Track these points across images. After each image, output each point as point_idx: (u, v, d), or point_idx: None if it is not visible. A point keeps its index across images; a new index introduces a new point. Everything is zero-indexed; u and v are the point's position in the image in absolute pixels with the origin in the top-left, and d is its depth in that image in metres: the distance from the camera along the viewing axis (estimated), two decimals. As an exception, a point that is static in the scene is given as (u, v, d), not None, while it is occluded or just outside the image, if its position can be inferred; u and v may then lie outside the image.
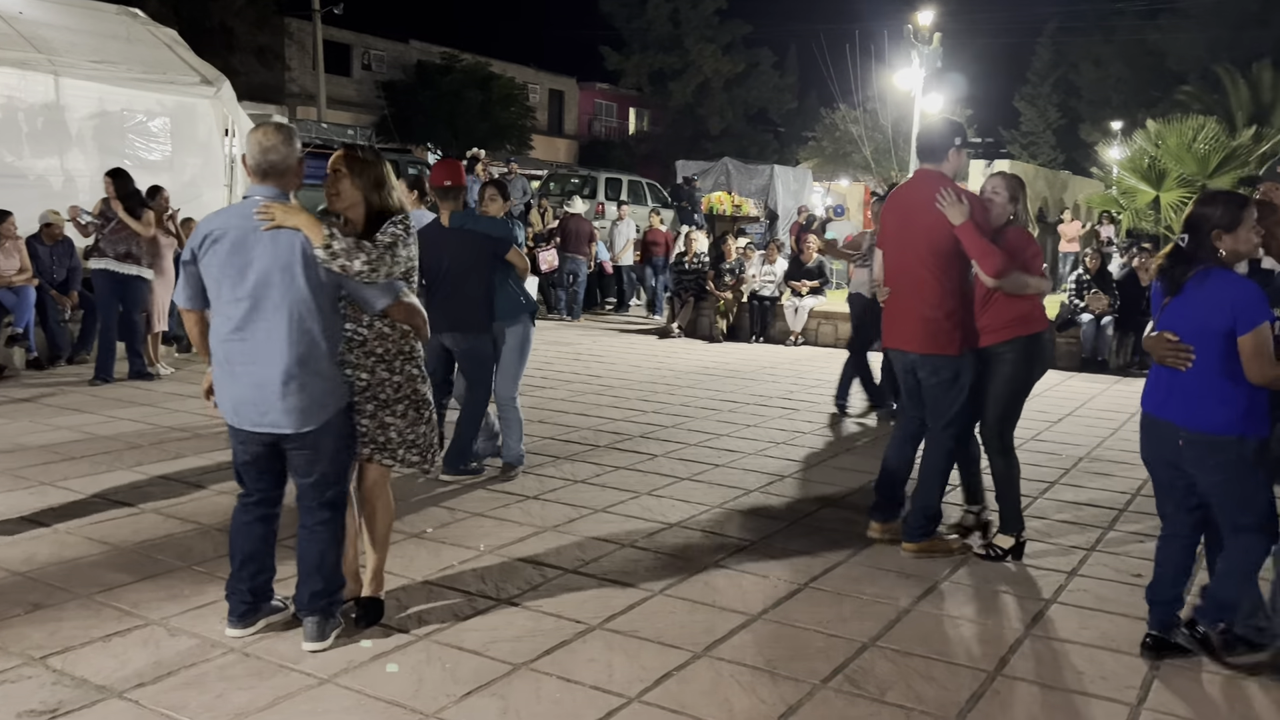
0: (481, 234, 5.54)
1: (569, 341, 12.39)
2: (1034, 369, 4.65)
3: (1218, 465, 3.45)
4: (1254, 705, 3.32)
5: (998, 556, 4.62)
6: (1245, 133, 19.59)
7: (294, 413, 3.37)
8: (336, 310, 3.49)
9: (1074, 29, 41.18)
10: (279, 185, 3.42)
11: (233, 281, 3.34)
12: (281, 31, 30.16)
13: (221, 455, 6.17)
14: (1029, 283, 4.54)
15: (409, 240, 3.51)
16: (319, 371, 3.40)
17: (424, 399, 3.74)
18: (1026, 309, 4.57)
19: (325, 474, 3.52)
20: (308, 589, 3.53)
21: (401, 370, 3.67)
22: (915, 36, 15.64)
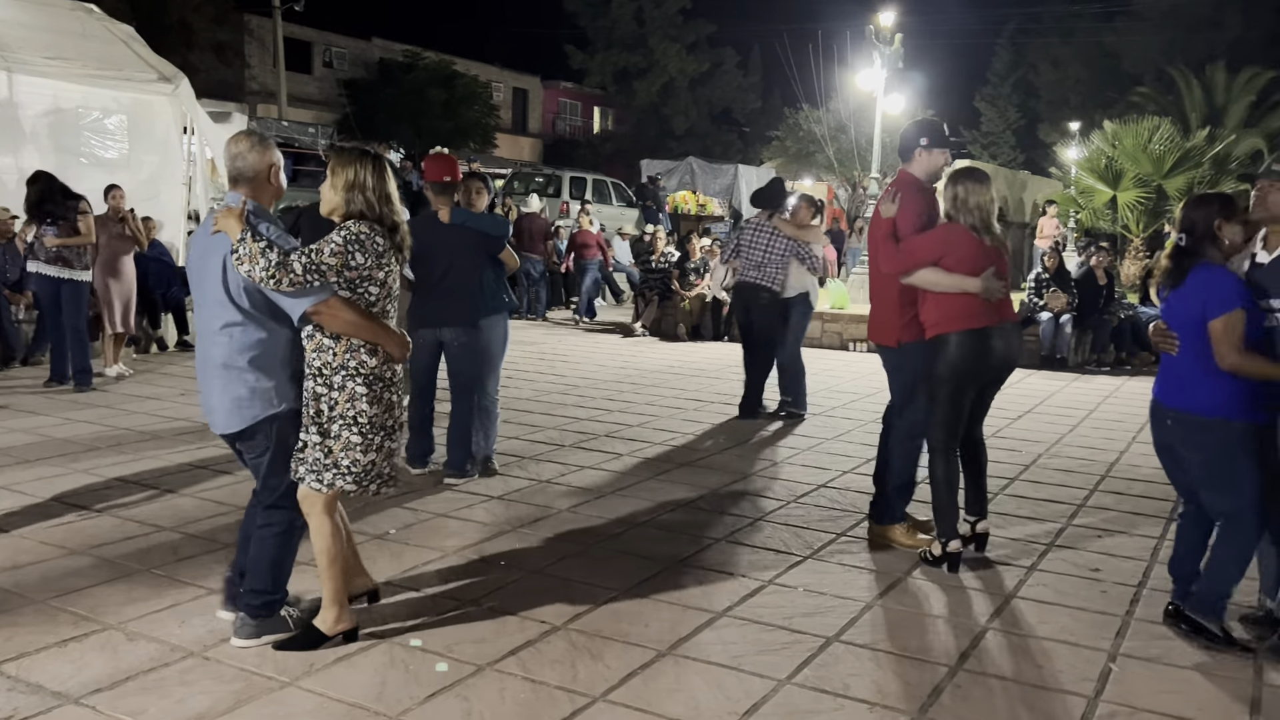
0: (480, 231, 5.61)
1: (534, 341, 12.36)
2: (941, 369, 4.43)
3: (1200, 445, 3.70)
4: (1207, 694, 3.38)
5: (929, 562, 4.54)
6: (1199, 134, 19.88)
7: (217, 412, 3.46)
8: (275, 314, 3.38)
9: (1033, 31, 41.69)
10: (247, 190, 3.43)
11: (196, 284, 3.48)
12: (241, 28, 29.79)
13: (180, 457, 6.09)
14: (935, 280, 4.41)
15: (347, 248, 3.27)
16: (241, 374, 3.38)
17: (371, 423, 3.38)
18: (945, 308, 4.42)
19: (266, 478, 3.50)
20: (246, 585, 3.54)
21: (342, 387, 3.35)
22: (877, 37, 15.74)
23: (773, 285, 7.67)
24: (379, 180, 3.40)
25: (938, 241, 4.44)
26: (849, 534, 5.02)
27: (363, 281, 3.35)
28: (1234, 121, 26.61)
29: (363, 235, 3.32)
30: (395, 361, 3.45)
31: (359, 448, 3.39)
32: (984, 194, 4.43)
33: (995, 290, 4.38)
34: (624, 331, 13.60)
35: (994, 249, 4.44)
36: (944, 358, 4.41)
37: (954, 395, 4.45)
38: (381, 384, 3.41)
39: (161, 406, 7.59)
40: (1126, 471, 6.51)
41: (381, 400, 3.41)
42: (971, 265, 4.38)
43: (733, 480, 6.00)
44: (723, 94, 43.30)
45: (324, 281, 3.27)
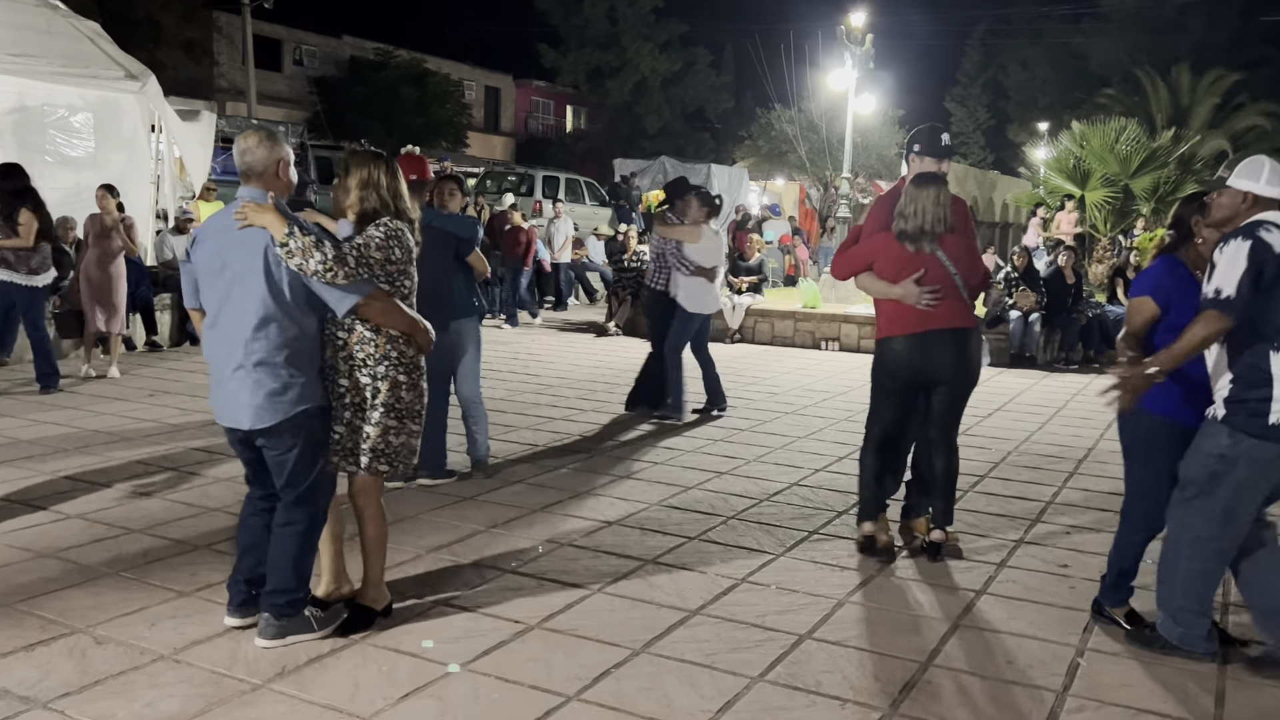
0: (448, 233, 5.49)
1: (506, 340, 12.33)
2: (877, 371, 4.61)
3: (1125, 429, 3.82)
4: (1174, 687, 3.43)
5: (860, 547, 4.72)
6: (1165, 134, 20.18)
7: (248, 408, 3.43)
8: (309, 310, 3.45)
9: (1002, 32, 42.11)
10: (260, 185, 3.51)
11: (212, 279, 3.50)
12: (209, 25, 29.50)
13: (148, 459, 6.03)
14: (867, 285, 4.56)
15: (389, 243, 3.44)
16: (276, 369, 3.42)
17: (408, 408, 3.59)
18: (881, 313, 4.55)
19: (291, 475, 3.50)
20: (269, 586, 3.54)
21: (385, 376, 3.52)
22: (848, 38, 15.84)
23: (654, 284, 7.80)
24: (391, 179, 3.57)
25: (866, 248, 4.58)
26: (821, 531, 5.06)
27: (400, 275, 3.52)
28: (1199, 122, 27.02)
29: (400, 231, 3.50)
30: (423, 352, 3.65)
31: (394, 431, 3.57)
32: (921, 199, 4.39)
33: (911, 296, 4.37)
34: (597, 331, 13.60)
35: (923, 256, 4.40)
36: (881, 360, 4.60)
37: (891, 398, 4.59)
38: (419, 372, 3.64)
39: (130, 408, 7.51)
40: (1094, 469, 6.59)
41: (417, 388, 3.63)
42: (893, 272, 4.43)
43: (706, 479, 6.02)
44: (695, 93, 43.38)
45: (371, 274, 3.43)
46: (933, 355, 4.45)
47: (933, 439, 4.63)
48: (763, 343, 12.69)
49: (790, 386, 9.52)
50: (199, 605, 3.85)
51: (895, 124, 32.59)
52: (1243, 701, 3.36)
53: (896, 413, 4.61)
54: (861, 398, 8.99)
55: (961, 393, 4.59)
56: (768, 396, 8.89)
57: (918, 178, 4.50)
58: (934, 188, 4.42)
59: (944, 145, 4.69)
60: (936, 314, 4.41)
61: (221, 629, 3.63)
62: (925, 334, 4.42)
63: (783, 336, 12.77)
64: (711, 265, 7.51)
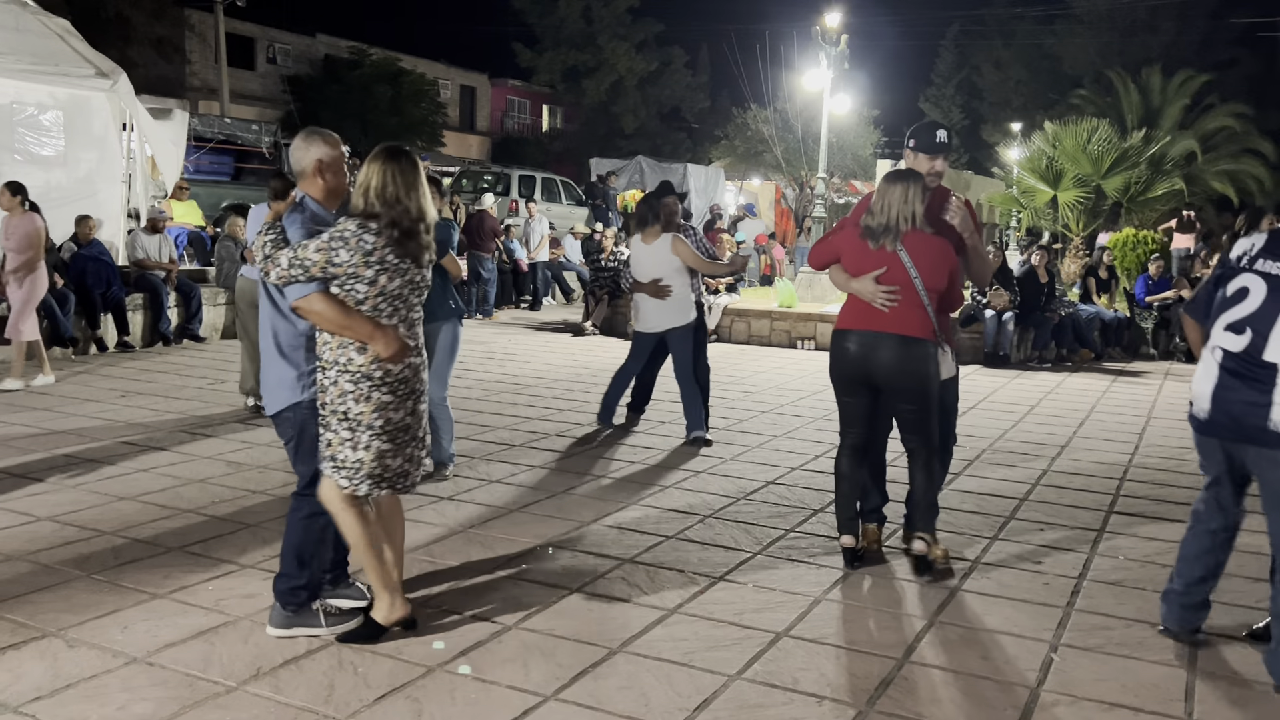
0: None
1: (483, 340, 12.29)
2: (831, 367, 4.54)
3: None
4: (1145, 683, 3.47)
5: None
6: (1136, 135, 20.35)
7: (264, 393, 3.67)
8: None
9: (975, 32, 42.35)
10: (302, 186, 3.61)
11: None
12: (181, 23, 29.21)
13: (120, 460, 5.97)
14: (835, 279, 4.51)
15: (331, 245, 3.29)
16: (271, 360, 3.56)
17: (357, 420, 3.39)
18: (844, 307, 4.50)
19: (294, 463, 3.64)
20: (278, 572, 3.63)
21: (335, 382, 3.42)
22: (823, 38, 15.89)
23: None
24: (381, 180, 3.39)
25: (833, 242, 4.58)
26: (797, 530, 5.08)
27: (349, 279, 3.36)
28: (1169, 123, 27.28)
29: (348, 233, 3.33)
30: (388, 362, 3.41)
31: (348, 444, 3.42)
32: (888, 195, 4.31)
33: (867, 293, 4.29)
34: (574, 330, 13.58)
35: (882, 254, 4.28)
36: (830, 353, 4.58)
37: (840, 393, 4.56)
38: (370, 383, 3.40)
39: (100, 409, 7.43)
40: (1067, 466, 6.65)
41: (370, 399, 3.40)
42: (854, 266, 4.39)
43: (683, 478, 6.02)
44: (671, 93, 43.38)
45: (309, 276, 3.33)
46: (871, 358, 4.33)
47: (909, 449, 4.49)
48: (739, 342, 12.72)
49: (766, 386, 9.55)
50: (173, 607, 3.82)
51: (870, 124, 32.76)
52: (1212, 696, 3.40)
53: (851, 411, 4.52)
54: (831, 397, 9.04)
55: (917, 401, 4.37)
56: (744, 396, 8.91)
57: (890, 174, 4.44)
58: (903, 184, 4.31)
59: (938, 141, 4.59)
60: (884, 316, 4.29)
61: (195, 631, 3.60)
62: (866, 334, 4.34)
63: (759, 336, 12.81)
64: (649, 279, 6.76)
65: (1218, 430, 3.59)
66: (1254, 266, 3.58)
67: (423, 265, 3.51)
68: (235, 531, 4.74)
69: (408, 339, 3.48)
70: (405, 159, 3.46)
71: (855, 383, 4.46)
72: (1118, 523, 5.38)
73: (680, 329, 6.86)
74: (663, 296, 6.76)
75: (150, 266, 10.87)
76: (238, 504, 5.18)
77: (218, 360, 10.01)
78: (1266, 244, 3.60)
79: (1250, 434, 3.46)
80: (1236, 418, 3.48)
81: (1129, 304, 13.24)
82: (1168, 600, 3.85)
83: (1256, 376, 3.43)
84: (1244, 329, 3.50)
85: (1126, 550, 4.91)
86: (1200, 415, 3.63)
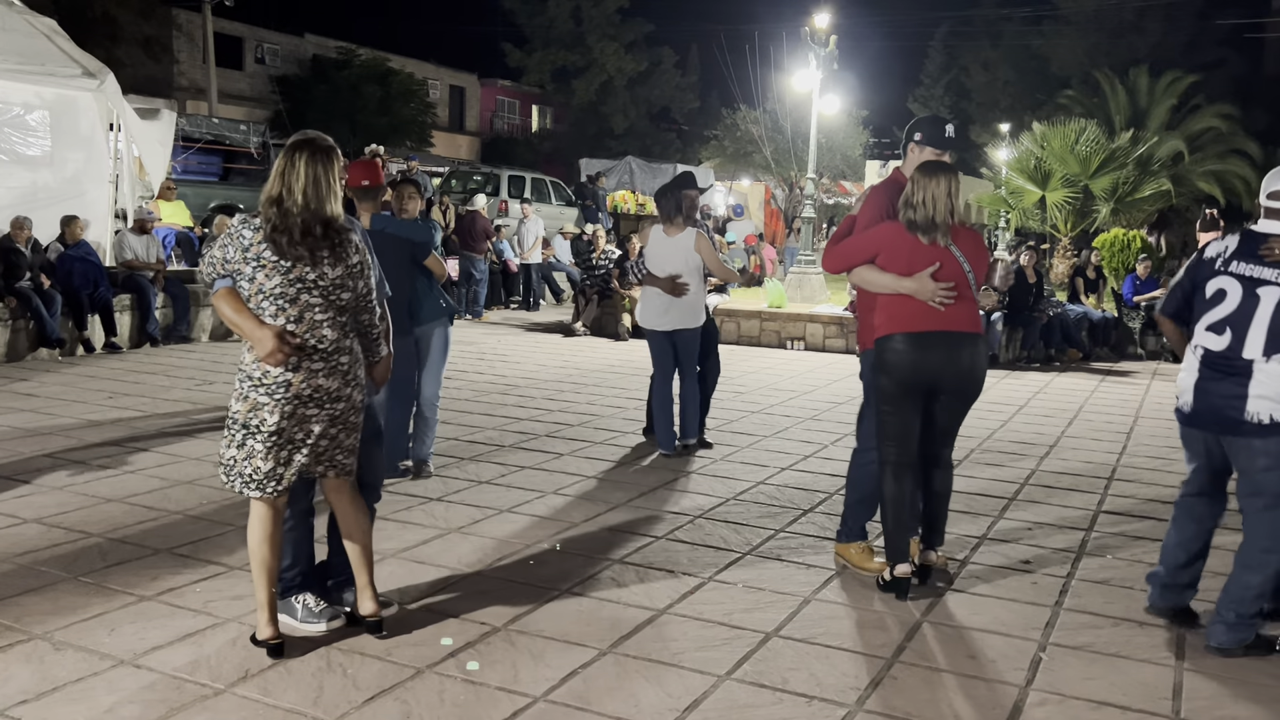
0: (402, 238, 5.41)
1: (473, 341, 12.27)
2: (876, 376, 4.18)
3: None
4: (1133, 681, 3.48)
5: (880, 587, 4.24)
6: (1123, 135, 20.47)
7: None
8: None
9: (964, 34, 42.43)
10: None
11: None
12: (169, 23, 29.13)
13: (108, 463, 5.94)
14: (871, 279, 4.14)
15: (225, 240, 3.34)
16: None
17: (233, 418, 3.39)
18: (888, 309, 4.12)
19: None
20: None
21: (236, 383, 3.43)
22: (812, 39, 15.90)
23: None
24: (273, 177, 3.34)
25: (870, 238, 4.17)
26: (787, 530, 5.08)
27: (238, 275, 3.35)
28: (1156, 124, 27.39)
29: (233, 229, 3.37)
30: (265, 362, 3.29)
31: (224, 440, 3.44)
32: (932, 188, 4.03)
33: (927, 292, 4.00)
34: (565, 331, 13.57)
35: (937, 248, 4.04)
36: (883, 362, 4.11)
37: (896, 405, 4.12)
38: (250, 383, 3.36)
39: (87, 410, 7.40)
40: (1056, 465, 6.68)
41: (247, 399, 3.36)
42: (903, 265, 4.05)
43: (672, 478, 6.02)
44: (661, 93, 43.42)
45: (217, 273, 3.38)
46: (941, 358, 4.06)
47: (929, 454, 4.25)
48: (729, 342, 12.72)
49: (756, 386, 9.56)
50: (160, 609, 3.80)
51: (859, 125, 32.84)
52: (1200, 694, 3.41)
53: (906, 424, 4.13)
54: (828, 396, 9.07)
55: (968, 404, 4.24)
56: (734, 396, 8.91)
57: (927, 165, 4.12)
58: (945, 177, 4.06)
59: (948, 136, 4.33)
60: (947, 314, 4.04)
61: (183, 633, 3.58)
62: (934, 334, 4.04)
63: (749, 336, 12.82)
64: (665, 273, 6.45)
65: (1200, 422, 3.78)
66: (1229, 269, 3.76)
67: (317, 263, 3.33)
68: (223, 533, 4.72)
69: (304, 341, 3.33)
70: (306, 150, 3.34)
71: (918, 390, 4.10)
72: (1105, 522, 5.40)
73: (689, 331, 6.57)
74: (679, 294, 6.41)
75: (138, 267, 10.82)
76: (226, 505, 5.15)
77: (205, 361, 9.97)
78: (1239, 246, 3.77)
79: (1229, 425, 3.66)
80: (1217, 410, 3.68)
81: (1116, 304, 13.30)
82: (1152, 582, 4.07)
83: (1235, 372, 3.63)
84: (1224, 329, 3.70)
85: (1114, 549, 4.93)
86: (1184, 408, 3.83)
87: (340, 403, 3.44)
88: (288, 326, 3.32)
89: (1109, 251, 16.17)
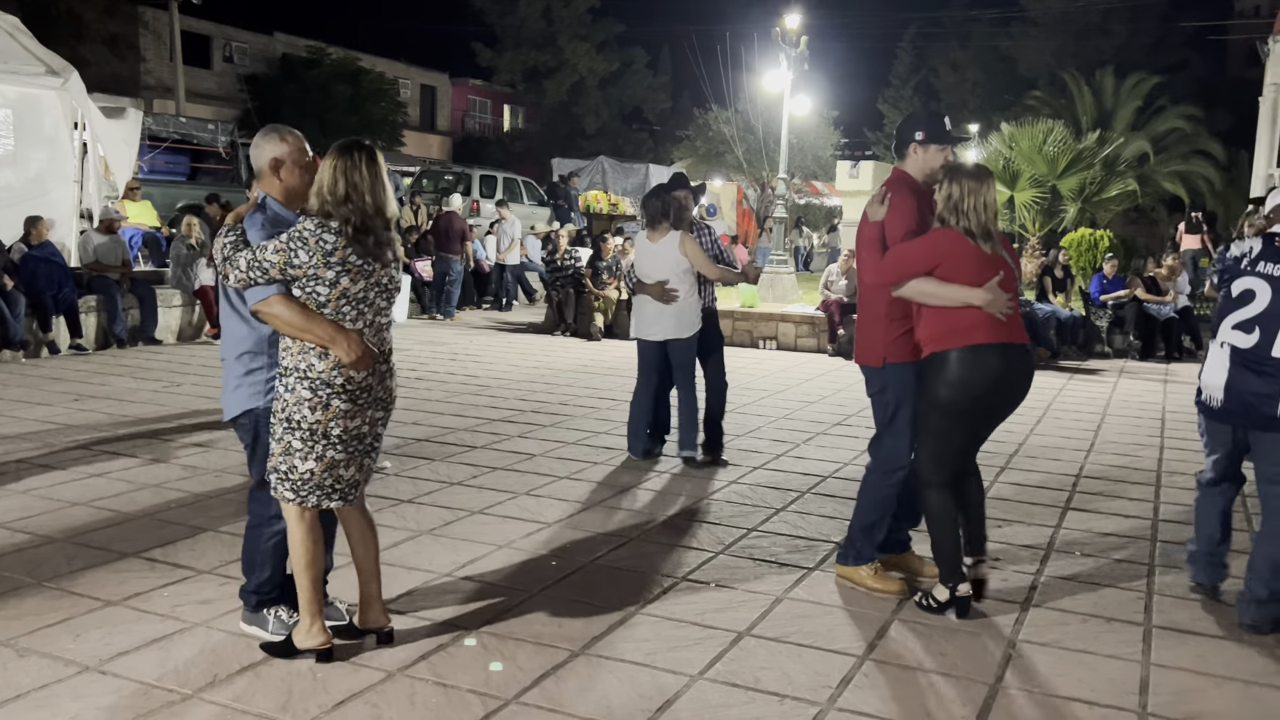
0: None
1: (445, 341, 12.22)
2: (937, 391, 3.89)
3: None
4: (1100, 677, 3.52)
5: (929, 608, 4.03)
6: (1090, 136, 20.67)
7: (223, 400, 3.57)
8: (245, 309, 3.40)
9: (933, 35, 42.75)
10: (260, 185, 3.50)
11: None
12: (135, 20, 28.76)
13: (72, 466, 5.86)
14: (932, 291, 3.85)
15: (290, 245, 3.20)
16: (231, 366, 3.52)
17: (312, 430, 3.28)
18: (944, 322, 3.87)
19: (250, 469, 3.61)
20: None
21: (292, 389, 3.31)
22: (783, 39, 15.97)
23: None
24: (333, 177, 3.24)
25: (930, 248, 3.86)
26: (759, 529, 5.09)
27: (309, 281, 3.22)
28: (1122, 124, 27.73)
29: (307, 233, 3.21)
30: (351, 369, 3.26)
31: (298, 454, 3.27)
32: (983, 194, 3.84)
33: (1001, 303, 3.81)
34: (543, 329, 13.53)
35: (996, 257, 3.86)
36: (942, 378, 3.86)
37: (951, 422, 3.91)
38: (330, 390, 3.25)
39: (52, 413, 7.29)
40: (1024, 463, 6.73)
41: (329, 407, 3.26)
42: (971, 275, 3.81)
43: (644, 478, 6.02)
44: (633, 93, 43.42)
45: (268, 279, 3.22)
46: (1017, 370, 3.90)
47: (969, 470, 4.11)
48: (701, 342, 12.73)
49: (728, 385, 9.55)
50: (127, 614, 3.76)
51: (830, 125, 32.99)
52: (1166, 688, 3.45)
53: (964, 439, 3.96)
54: (800, 396, 9.11)
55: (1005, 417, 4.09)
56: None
57: (965, 171, 3.92)
58: (988, 181, 3.88)
59: (949, 130, 4.17)
60: (1006, 325, 3.86)
61: (150, 638, 3.54)
62: (1011, 347, 3.87)
63: (721, 336, 12.81)
64: (655, 280, 6.22)
65: (1230, 417, 4.01)
66: (1256, 269, 3.94)
67: (387, 264, 3.35)
68: (192, 536, 4.67)
69: (374, 344, 3.34)
70: (360, 153, 3.30)
71: (983, 404, 3.91)
72: (1074, 519, 5.45)
73: (684, 341, 6.29)
74: (668, 301, 6.17)
75: (104, 269, 10.69)
76: (194, 508, 5.10)
77: (173, 363, 9.87)
78: (1263, 249, 3.97)
79: (1261, 421, 3.89)
80: (1249, 406, 3.90)
81: (1084, 303, 13.44)
82: (1195, 561, 4.32)
83: (1265, 370, 3.85)
84: (1252, 328, 3.89)
85: (1082, 546, 4.98)
86: (1212, 404, 4.04)
87: (394, 405, 3.51)
88: (364, 331, 3.31)
89: (1076, 251, 16.33)
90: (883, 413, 4.17)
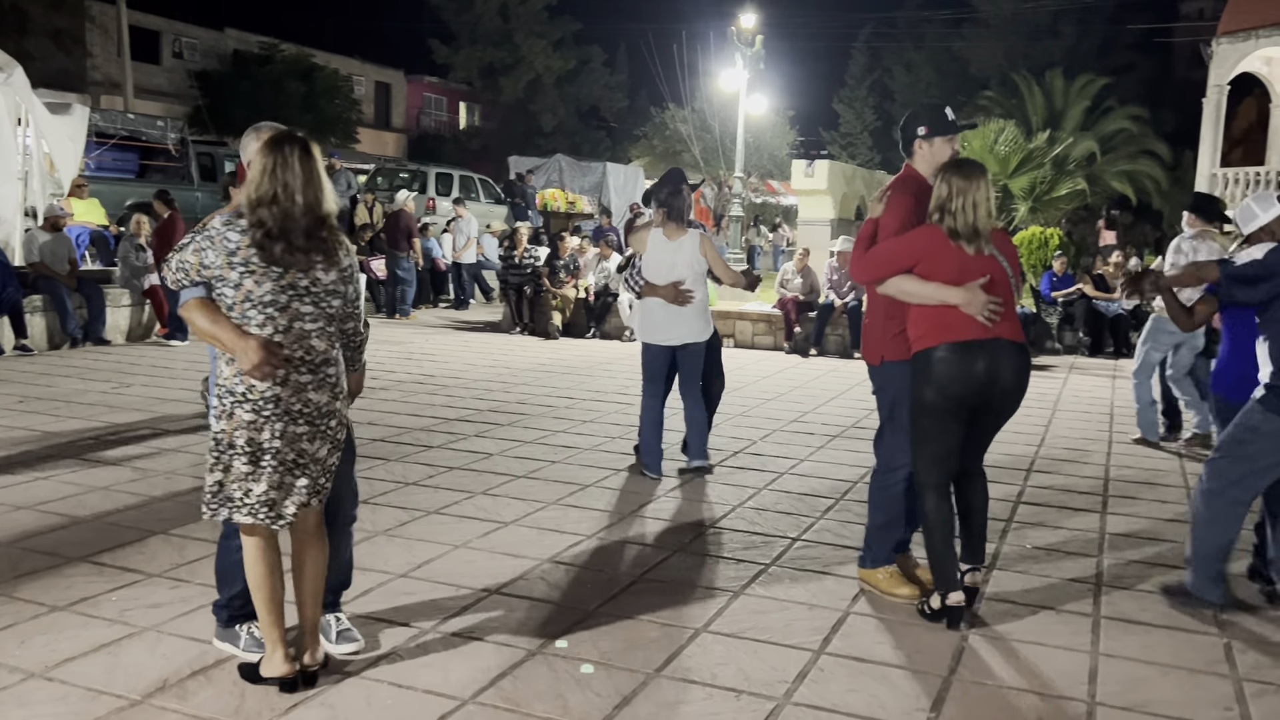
0: None
1: (400, 340, 12.12)
2: (922, 390, 3.83)
3: None
4: (1050, 669, 3.57)
5: (925, 615, 3.97)
6: (1040, 136, 21.01)
7: None
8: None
9: (887, 35, 43.16)
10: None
11: None
12: (81, 14, 28.23)
13: (19, 469, 5.74)
14: (911, 289, 3.82)
15: (201, 244, 3.06)
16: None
17: (217, 439, 3.11)
18: (928, 320, 3.82)
19: None
20: None
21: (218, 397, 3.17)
22: (738, 38, 16.04)
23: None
24: (261, 178, 3.06)
25: (909, 246, 3.82)
26: (717, 525, 5.11)
27: (217, 282, 3.07)
28: (1071, 125, 28.18)
29: (214, 231, 3.08)
30: (250, 376, 3.03)
31: (209, 465, 3.13)
32: (972, 192, 3.75)
33: (979, 304, 3.74)
34: (501, 328, 13.47)
35: (983, 258, 3.79)
36: (927, 375, 3.81)
37: (936, 421, 3.84)
38: (233, 398, 3.07)
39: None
40: (996, 460, 6.80)
41: (233, 416, 3.07)
42: (949, 274, 3.76)
43: (603, 477, 6.02)
44: (590, 92, 43.35)
45: (191, 280, 3.11)
46: (989, 369, 3.78)
47: (964, 469, 4.02)
48: (659, 340, 12.75)
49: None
50: (73, 620, 3.68)
51: (786, 124, 33.22)
52: (1114, 678, 3.52)
53: (953, 442, 3.87)
54: (756, 393, 9.15)
55: (1009, 416, 4.02)
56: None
57: (958, 167, 3.84)
58: (981, 178, 3.79)
59: (952, 120, 4.06)
60: (1001, 323, 3.81)
61: (97, 644, 3.48)
62: (989, 343, 3.78)
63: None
64: (668, 281, 5.96)
65: None
66: None
67: (310, 268, 3.10)
68: (141, 539, 4.59)
69: (297, 352, 3.10)
70: (292, 147, 3.09)
71: (967, 404, 3.83)
72: (1025, 513, 5.53)
73: (697, 345, 6.09)
74: (683, 303, 5.95)
75: (49, 272, 10.46)
76: (144, 511, 5.01)
77: (122, 364, 9.69)
78: None
79: None
80: None
81: (1035, 300, 13.64)
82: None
83: None
84: None
85: (1034, 539, 5.06)
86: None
87: (332, 419, 3.20)
88: (275, 337, 3.06)
89: (1027, 249, 16.58)
90: (883, 408, 4.19)
